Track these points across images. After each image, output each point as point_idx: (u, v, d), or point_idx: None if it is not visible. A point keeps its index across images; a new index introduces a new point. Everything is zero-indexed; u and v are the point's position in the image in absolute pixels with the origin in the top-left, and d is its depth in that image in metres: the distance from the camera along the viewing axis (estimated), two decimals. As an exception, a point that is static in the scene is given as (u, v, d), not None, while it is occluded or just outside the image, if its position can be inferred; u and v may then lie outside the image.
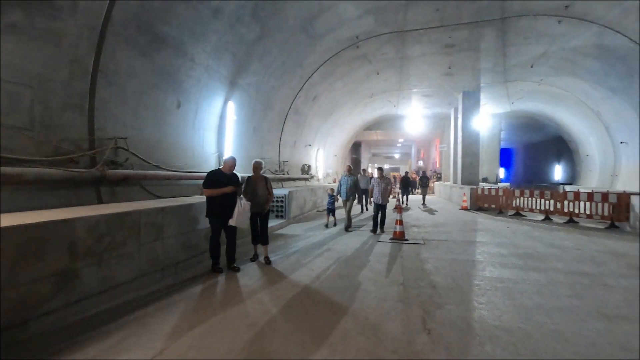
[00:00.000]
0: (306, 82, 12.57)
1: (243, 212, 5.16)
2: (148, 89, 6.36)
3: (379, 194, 8.54)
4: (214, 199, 5.11)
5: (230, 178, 5.29)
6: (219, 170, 5.32)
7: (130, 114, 6.04)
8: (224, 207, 5.12)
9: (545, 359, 2.82)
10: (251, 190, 5.65)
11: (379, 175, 8.72)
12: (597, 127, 16.15)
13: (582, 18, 9.51)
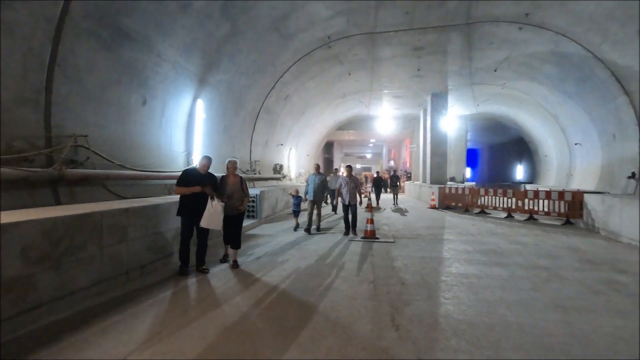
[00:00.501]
0: (278, 81, 12.49)
1: (214, 214, 5.00)
2: (111, 84, 6.08)
3: (347, 194, 8.17)
4: (186, 198, 5.03)
5: (204, 178, 5.18)
6: (194, 169, 5.26)
7: (91, 111, 5.75)
8: (196, 206, 5.00)
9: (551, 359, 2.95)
10: (225, 191, 5.41)
11: (348, 175, 8.30)
12: (554, 130, 17.12)
13: (540, 26, 10.04)
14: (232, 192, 5.41)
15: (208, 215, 4.96)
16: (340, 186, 8.26)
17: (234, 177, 5.57)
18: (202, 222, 4.95)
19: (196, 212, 4.98)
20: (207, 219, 4.96)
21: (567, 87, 12.76)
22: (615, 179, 11.31)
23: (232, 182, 5.51)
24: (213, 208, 4.99)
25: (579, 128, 14.27)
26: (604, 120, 11.86)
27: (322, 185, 8.56)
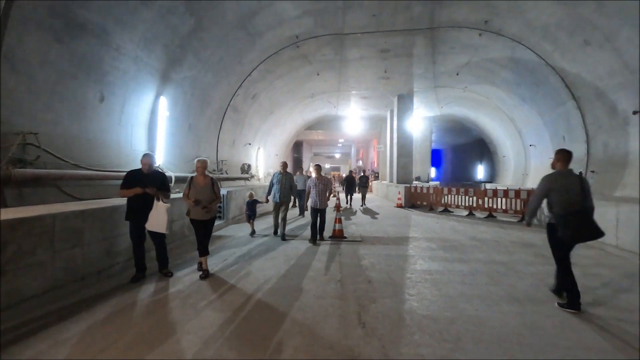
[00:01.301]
0: (245, 80, 12.30)
1: (158, 215, 4.67)
2: (65, 79, 5.72)
3: (317, 196, 7.28)
4: (131, 201, 4.72)
5: (148, 177, 4.80)
6: (138, 170, 4.86)
7: (42, 107, 5.39)
8: (142, 209, 4.69)
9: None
10: (194, 193, 4.94)
11: (317, 175, 7.47)
12: (511, 131, 18.08)
13: (498, 33, 10.56)
14: (202, 194, 4.96)
15: (151, 217, 4.67)
16: (309, 188, 7.41)
17: (204, 177, 5.09)
18: (147, 224, 4.68)
19: (143, 214, 4.68)
20: (151, 220, 4.68)
21: (523, 91, 13.52)
22: (565, 178, 12.13)
23: (201, 183, 5.03)
24: (157, 209, 4.68)
25: (533, 130, 15.16)
26: (555, 123, 12.68)
27: (290, 186, 7.83)
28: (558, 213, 3.91)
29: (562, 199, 3.89)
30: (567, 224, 3.82)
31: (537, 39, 10.03)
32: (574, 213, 3.80)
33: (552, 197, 3.98)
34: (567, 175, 4.00)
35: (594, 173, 10.23)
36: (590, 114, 10.25)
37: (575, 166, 11.44)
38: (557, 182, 3.97)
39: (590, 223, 3.80)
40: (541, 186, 4.08)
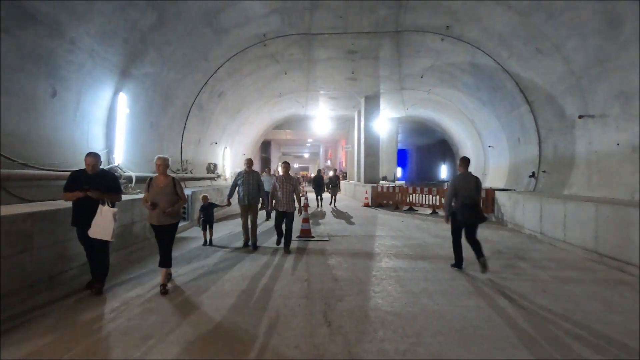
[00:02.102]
0: (211, 77, 12.01)
1: (102, 221, 4.14)
2: (11, 72, 5.33)
3: (283, 197, 6.38)
4: (75, 205, 4.24)
5: (93, 179, 4.25)
6: (82, 170, 4.36)
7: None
8: (85, 213, 4.17)
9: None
10: (153, 195, 4.40)
11: (284, 174, 6.56)
12: (472, 133, 18.92)
13: (459, 38, 11.02)
14: (162, 196, 4.39)
15: (95, 222, 4.14)
16: (275, 188, 6.46)
17: (164, 177, 4.53)
18: (90, 230, 4.14)
19: (87, 220, 4.16)
20: (93, 227, 4.13)
21: (482, 95, 14.18)
22: (520, 177, 12.87)
23: (162, 184, 4.47)
24: (102, 214, 4.15)
25: (491, 132, 15.94)
26: (511, 126, 13.42)
27: (258, 185, 6.90)
28: (458, 204, 5.21)
29: (463, 195, 5.17)
30: (463, 212, 5.15)
31: (494, 46, 10.56)
32: (469, 204, 5.14)
33: (458, 192, 5.24)
34: (466, 176, 5.33)
35: (545, 173, 10.93)
36: (542, 117, 10.94)
37: (528, 167, 12.17)
38: (460, 182, 5.26)
39: (478, 212, 5.21)
40: (451, 186, 5.37)
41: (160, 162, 4.54)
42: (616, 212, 5.61)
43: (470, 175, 5.34)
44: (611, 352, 2.91)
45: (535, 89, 10.58)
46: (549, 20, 8.09)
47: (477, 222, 5.19)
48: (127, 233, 6.25)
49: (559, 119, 9.96)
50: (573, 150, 9.45)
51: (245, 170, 6.94)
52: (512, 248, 6.95)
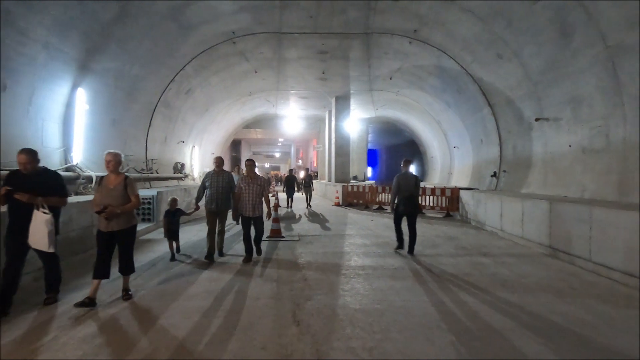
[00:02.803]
0: (178, 74, 11.66)
1: (38, 229, 3.60)
2: (-46, 63, 4.93)
3: (249, 201, 5.61)
4: (9, 210, 3.70)
5: (29, 179, 3.69)
6: (17, 170, 3.81)
7: None
8: (19, 219, 3.62)
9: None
10: (101, 196, 3.90)
11: (249, 173, 5.76)
12: (438, 134, 19.55)
13: (426, 42, 11.36)
14: (111, 198, 3.88)
15: (32, 230, 3.61)
16: (240, 190, 5.70)
17: (115, 176, 4.02)
18: (30, 239, 3.63)
19: (21, 227, 3.60)
20: (31, 236, 3.62)
21: (447, 97, 14.70)
22: (483, 177, 13.46)
23: (112, 184, 3.96)
24: (36, 221, 3.60)
25: (456, 133, 16.56)
26: (474, 127, 14.00)
27: (230, 187, 6.06)
28: (400, 197, 6.39)
29: (404, 190, 6.34)
30: (404, 204, 6.33)
31: (458, 50, 10.97)
32: (408, 197, 6.31)
33: (399, 190, 6.39)
34: (407, 175, 6.48)
35: (506, 172, 11.49)
36: (502, 119, 11.49)
37: (490, 166, 12.72)
38: (402, 179, 6.41)
39: (416, 204, 6.45)
40: (395, 183, 6.47)
41: (110, 157, 3.98)
42: (567, 209, 6.00)
43: (411, 174, 6.50)
44: (561, 341, 3.11)
45: (496, 92, 11.10)
46: (508, 27, 8.51)
47: (415, 212, 6.41)
48: (87, 236, 5.96)
49: (517, 122, 10.50)
50: (530, 151, 10.00)
51: (214, 171, 6.16)
52: (475, 245, 7.25)
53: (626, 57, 6.22)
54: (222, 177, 6.07)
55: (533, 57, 8.58)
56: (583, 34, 6.88)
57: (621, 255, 4.80)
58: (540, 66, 8.51)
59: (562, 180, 8.39)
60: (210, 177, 6.08)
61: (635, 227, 4.56)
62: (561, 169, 8.52)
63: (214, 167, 6.22)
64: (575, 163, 7.97)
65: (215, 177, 6.06)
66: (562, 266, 5.62)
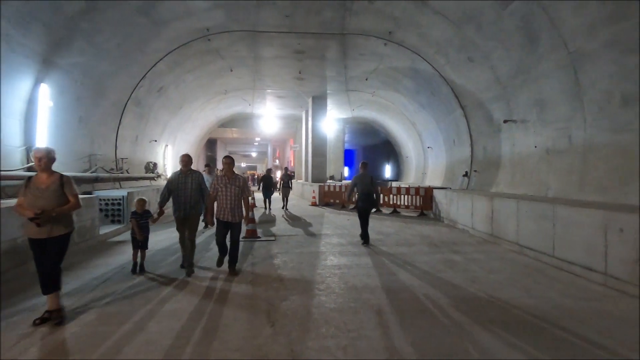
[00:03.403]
0: (150, 71, 11.31)
1: None
2: None
3: (226, 203, 4.94)
4: None
5: None
6: None
7: None
8: None
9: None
10: (31, 198, 3.40)
11: (226, 172, 5.05)
12: (413, 134, 19.95)
13: (400, 44, 11.56)
14: (44, 201, 3.39)
15: None
16: (216, 191, 5.02)
17: (48, 175, 3.53)
18: None
19: None
20: None
21: (421, 98, 15.02)
22: (455, 176, 13.84)
23: (44, 184, 3.48)
24: None
25: (430, 134, 16.95)
26: (447, 128, 14.38)
27: (200, 190, 5.29)
28: (359, 195, 7.33)
29: (361, 188, 7.24)
30: (362, 200, 7.23)
31: (432, 53, 11.23)
32: (365, 194, 7.19)
33: (357, 187, 7.34)
34: (364, 175, 7.36)
35: (477, 172, 11.88)
36: (474, 121, 11.86)
37: (462, 166, 13.09)
38: (359, 179, 7.34)
39: (372, 201, 7.38)
40: (352, 182, 7.51)
41: (42, 154, 3.48)
42: (533, 208, 6.27)
43: (367, 175, 7.40)
44: (527, 333, 3.25)
45: (467, 94, 11.44)
46: (479, 31, 8.79)
47: (370, 207, 7.38)
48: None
49: (488, 123, 10.87)
50: (499, 152, 10.38)
51: (180, 171, 5.27)
52: (447, 242, 7.46)
53: (586, 63, 6.57)
54: (190, 178, 5.24)
55: (502, 61, 8.91)
56: (547, 40, 7.21)
57: (581, 250, 5.07)
58: (509, 70, 8.85)
59: (529, 180, 8.76)
60: (177, 178, 5.21)
61: (594, 224, 4.83)
62: (528, 169, 8.90)
63: (182, 166, 5.28)
64: (541, 163, 8.34)
65: (183, 178, 5.22)
66: (528, 262, 5.87)
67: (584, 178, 6.89)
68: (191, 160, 5.41)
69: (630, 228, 4.30)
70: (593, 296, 4.24)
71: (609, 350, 2.92)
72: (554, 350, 2.92)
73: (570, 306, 3.91)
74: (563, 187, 7.43)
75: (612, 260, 4.55)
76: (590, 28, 6.18)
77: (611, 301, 4.07)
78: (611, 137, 6.29)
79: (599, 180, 6.49)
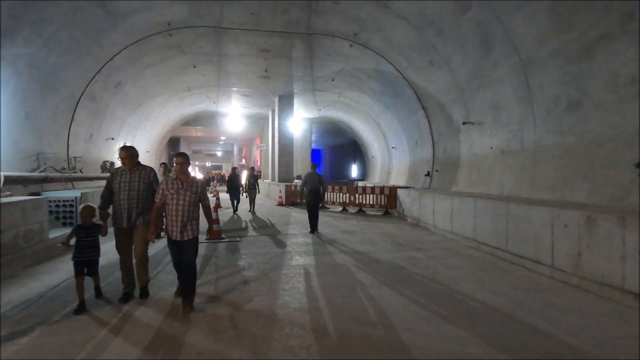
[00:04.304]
0: (106, 65, 10.72)
1: None
2: None
3: (177, 216, 3.78)
4: None
5: None
6: None
7: None
8: None
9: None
10: None
11: (179, 173, 3.90)
12: (378, 135, 20.36)
13: (365, 45, 11.76)
14: None
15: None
16: (164, 199, 3.86)
17: None
18: None
19: None
20: None
21: (386, 99, 15.37)
22: (418, 176, 14.29)
23: None
24: None
25: (394, 134, 17.39)
26: (410, 129, 14.82)
27: (150, 192, 4.18)
28: (308, 192, 8.45)
29: (310, 185, 8.42)
30: (311, 196, 8.37)
31: (395, 55, 11.52)
32: (314, 191, 8.34)
33: (307, 185, 8.50)
34: (313, 174, 8.54)
35: (438, 172, 12.33)
36: (435, 122, 12.31)
37: (424, 166, 13.53)
38: (309, 178, 8.53)
39: (320, 197, 8.44)
40: (303, 180, 8.70)
41: None
42: (489, 206, 6.61)
43: (316, 174, 8.56)
44: (482, 326, 3.42)
45: (429, 96, 11.85)
46: (439, 36, 9.14)
47: (318, 202, 8.50)
48: None
49: (448, 125, 11.32)
50: (459, 152, 10.84)
51: (121, 169, 4.17)
52: (410, 240, 7.68)
53: (535, 70, 7.02)
54: (138, 176, 4.12)
55: (461, 65, 9.31)
56: (501, 47, 7.63)
57: (531, 245, 5.41)
58: (467, 74, 9.26)
59: (485, 179, 9.22)
60: (119, 176, 4.11)
61: (542, 221, 5.17)
62: (484, 169, 9.36)
63: (127, 163, 4.14)
64: (496, 163, 8.81)
65: (127, 176, 4.11)
66: (484, 258, 6.18)
67: (534, 177, 7.36)
68: (134, 154, 4.18)
69: (573, 224, 4.64)
70: (541, 288, 4.54)
71: (551, 337, 3.14)
72: (520, 343, 3.09)
73: (521, 297, 4.16)
74: (516, 186, 7.89)
75: (558, 254, 4.90)
76: (540, 37, 6.61)
77: (556, 292, 4.38)
78: (558, 139, 6.77)
79: (548, 179, 6.96)
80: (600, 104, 5.81)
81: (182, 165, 3.88)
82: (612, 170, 5.60)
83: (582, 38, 5.85)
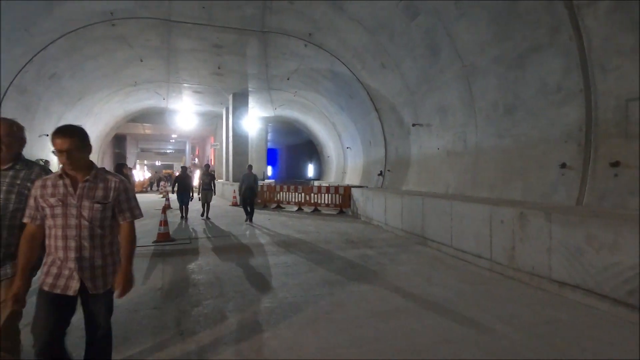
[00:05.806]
0: (38, 55, 9.81)
1: None
2: None
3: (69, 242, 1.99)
4: None
5: None
6: None
7: None
8: None
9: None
10: None
11: (68, 166, 2.04)
12: (333, 135, 20.65)
13: (320, 46, 11.86)
14: None
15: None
16: (39, 218, 2.04)
17: None
18: None
19: None
20: None
21: (341, 100, 15.62)
22: (371, 175, 14.70)
23: None
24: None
25: (349, 135, 17.73)
26: (364, 130, 15.20)
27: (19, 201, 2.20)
28: (244, 189, 9.94)
29: (246, 183, 9.96)
30: (246, 192, 9.93)
31: (350, 57, 11.75)
32: (250, 189, 9.93)
33: (244, 183, 10.00)
34: (250, 175, 10.19)
35: (390, 172, 12.77)
36: (387, 123, 12.73)
37: (377, 166, 13.92)
38: (245, 177, 10.11)
39: (255, 193, 10.22)
40: (241, 179, 10.23)
41: None
42: (435, 204, 6.95)
43: (252, 174, 10.24)
44: (441, 320, 3.59)
45: (381, 98, 12.23)
46: (391, 40, 9.46)
47: (253, 197, 10.08)
48: None
49: (399, 126, 11.75)
50: (409, 153, 11.30)
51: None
52: (363, 238, 7.87)
53: (477, 76, 7.52)
54: (10, 181, 2.23)
55: (411, 69, 9.71)
56: (447, 53, 8.06)
57: (473, 240, 5.78)
58: (416, 77, 9.68)
59: (433, 178, 9.70)
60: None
61: (482, 217, 5.55)
62: (432, 169, 9.85)
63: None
64: (443, 163, 9.30)
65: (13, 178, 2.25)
66: (432, 253, 6.49)
67: (476, 177, 7.87)
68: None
69: (508, 220, 5.03)
70: (481, 280, 4.87)
71: (486, 327, 3.39)
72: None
73: (464, 290, 4.43)
74: (460, 185, 8.39)
75: (496, 248, 5.28)
76: (481, 45, 7.08)
77: (494, 283, 4.72)
78: (496, 141, 7.29)
79: (488, 178, 7.48)
80: (532, 109, 6.35)
81: (70, 153, 2.02)
82: (542, 170, 6.14)
83: (517, 48, 6.36)
